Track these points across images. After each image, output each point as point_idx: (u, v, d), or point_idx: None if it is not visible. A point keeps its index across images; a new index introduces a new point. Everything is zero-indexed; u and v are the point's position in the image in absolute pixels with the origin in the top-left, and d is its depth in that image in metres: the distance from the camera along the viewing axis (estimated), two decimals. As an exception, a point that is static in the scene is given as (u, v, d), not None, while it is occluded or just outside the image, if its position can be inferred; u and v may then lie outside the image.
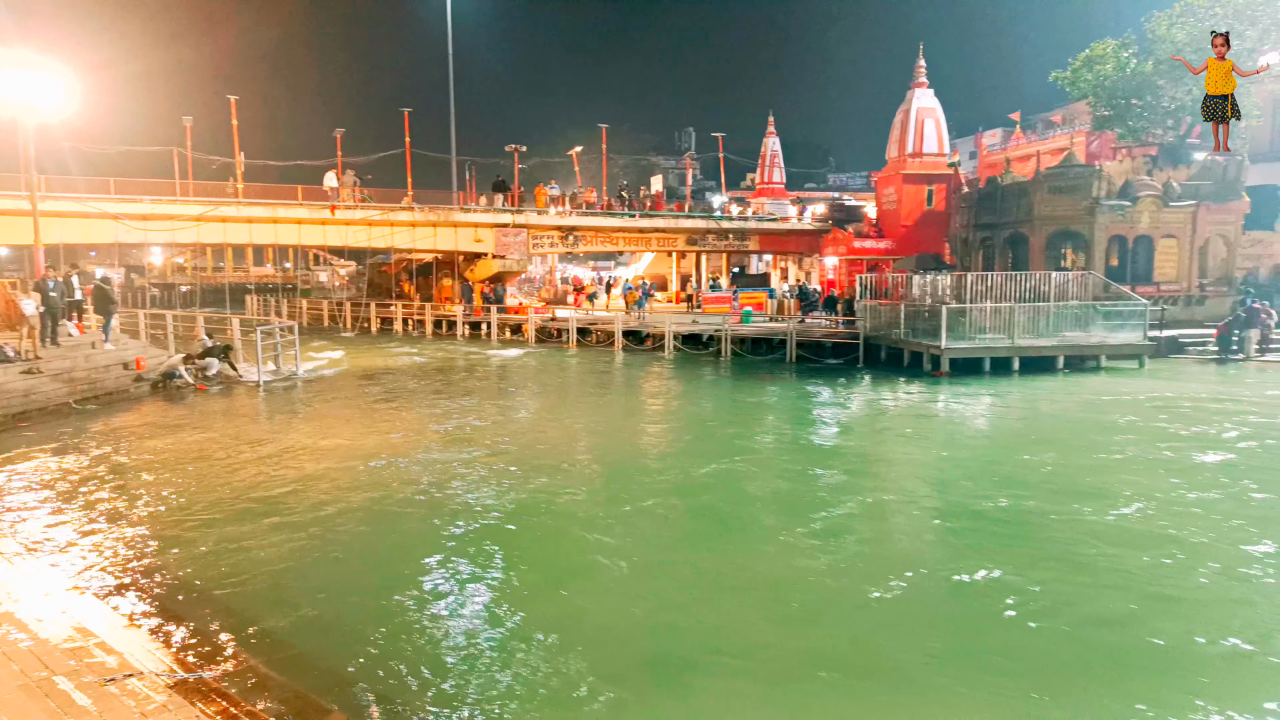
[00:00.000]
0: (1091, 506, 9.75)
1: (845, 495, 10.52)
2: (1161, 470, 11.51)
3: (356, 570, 8.09)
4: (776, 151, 49.01)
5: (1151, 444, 13.15)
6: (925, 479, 11.54)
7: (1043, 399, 17.56)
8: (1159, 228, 25.80)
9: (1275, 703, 5.61)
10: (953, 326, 20.78)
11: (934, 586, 7.58)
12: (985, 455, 12.76)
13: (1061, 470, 11.55)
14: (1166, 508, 9.69)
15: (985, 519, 9.46)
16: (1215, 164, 26.58)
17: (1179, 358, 23.06)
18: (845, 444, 13.93)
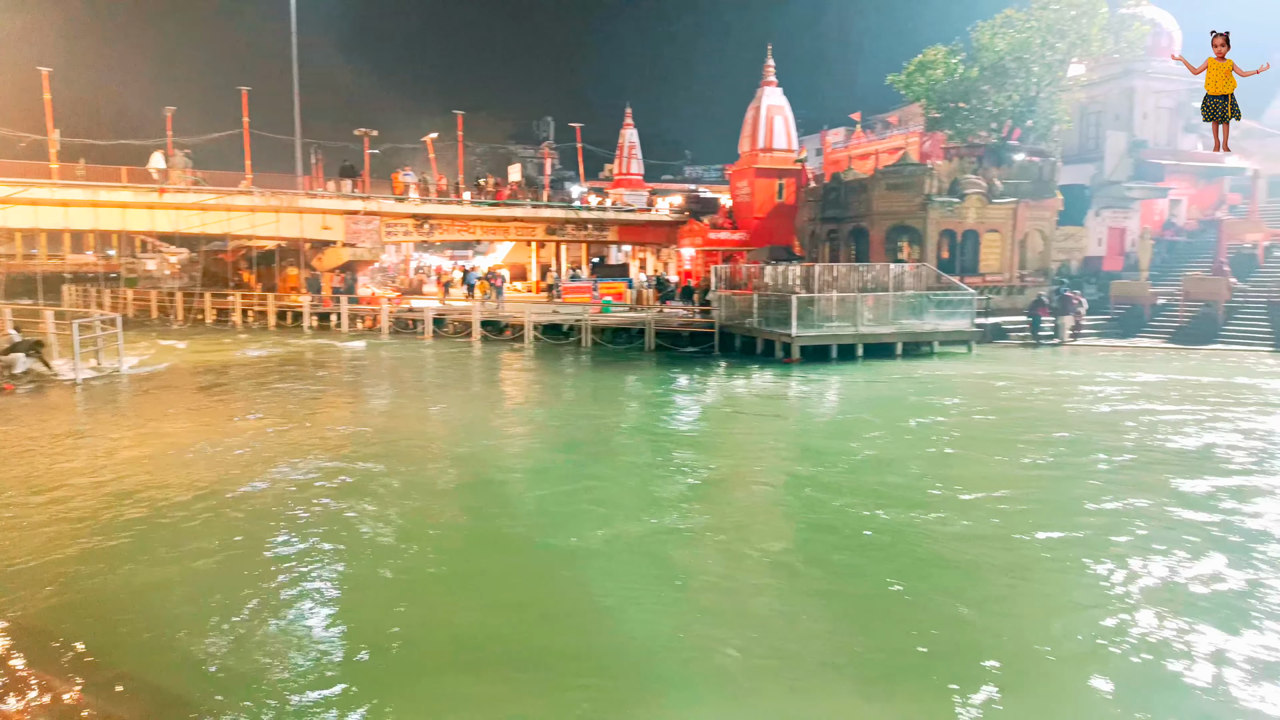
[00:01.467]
0: (928, 497, 10.14)
1: (693, 478, 10.49)
2: (989, 445, 12.20)
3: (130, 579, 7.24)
4: (634, 143, 49.15)
5: (976, 421, 13.94)
6: (775, 459, 11.72)
7: (882, 382, 18.36)
8: (984, 222, 27.60)
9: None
10: (802, 315, 21.39)
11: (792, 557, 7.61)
12: (828, 436, 13.11)
13: (893, 450, 12.01)
14: (991, 481, 10.24)
15: (823, 495, 9.65)
16: (1032, 165, 28.70)
17: (1002, 343, 24.79)
18: (699, 429, 13.97)
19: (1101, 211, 30.69)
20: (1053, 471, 10.79)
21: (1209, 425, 13.34)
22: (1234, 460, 11.20)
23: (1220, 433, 12.86)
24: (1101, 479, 10.30)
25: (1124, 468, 10.91)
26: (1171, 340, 24.50)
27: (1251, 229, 28.18)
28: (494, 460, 11.69)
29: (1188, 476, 10.32)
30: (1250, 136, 38.14)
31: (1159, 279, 27.52)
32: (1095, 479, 10.30)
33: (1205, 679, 5.59)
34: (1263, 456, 11.38)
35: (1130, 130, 31.68)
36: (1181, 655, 5.87)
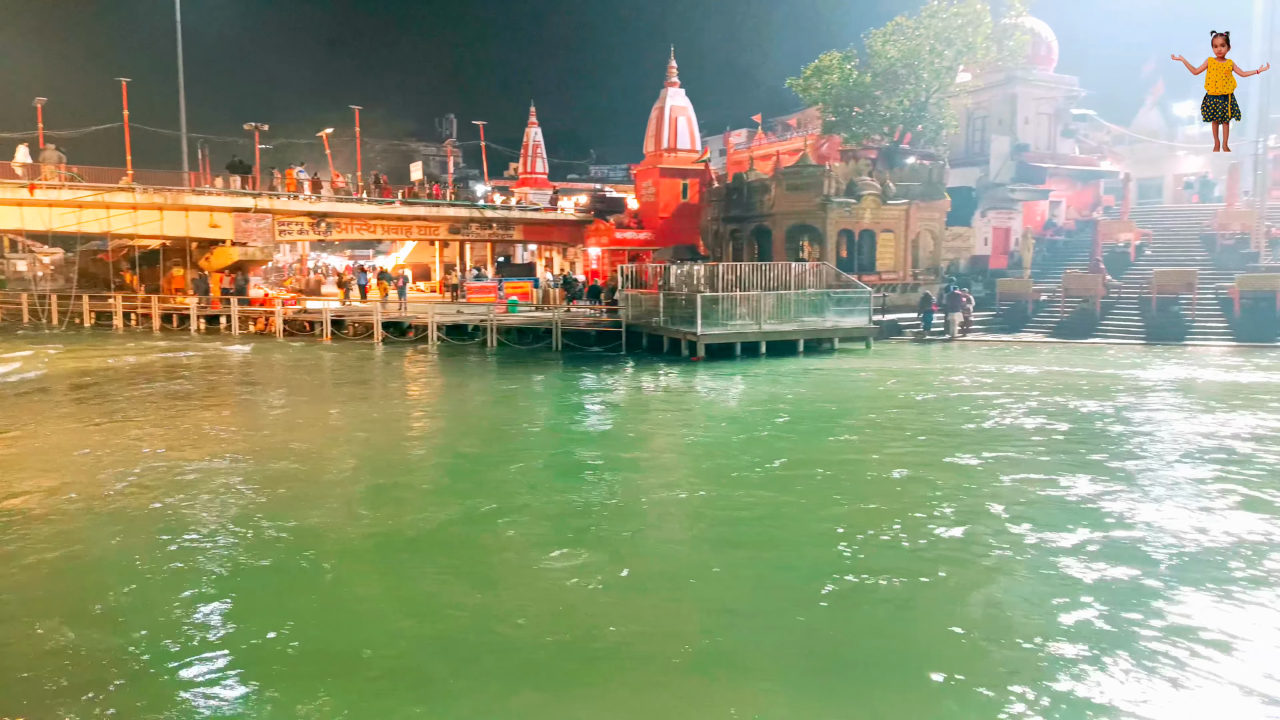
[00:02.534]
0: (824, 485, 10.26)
1: (599, 477, 10.32)
2: (880, 436, 12.49)
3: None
4: (539, 142, 48.66)
5: (875, 411, 14.28)
6: (680, 456, 11.68)
7: (784, 378, 18.64)
8: (879, 223, 28.44)
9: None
10: (707, 314, 21.54)
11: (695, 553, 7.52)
12: (731, 431, 13.17)
13: (792, 442, 12.15)
14: (888, 465, 10.46)
15: (726, 490, 9.64)
16: (923, 167, 29.74)
17: (897, 339, 25.58)
18: (607, 427, 13.82)
19: (987, 212, 32.08)
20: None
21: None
22: (1020, 438, 11.98)
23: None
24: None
25: (931, 444, 11.67)
26: (1053, 335, 25.79)
27: (1123, 229, 29.95)
28: (386, 463, 11.22)
29: (969, 451, 11.30)
30: (1121, 142, 40.68)
31: (1041, 276, 28.94)
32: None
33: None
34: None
35: (1013, 135, 33.23)
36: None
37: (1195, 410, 14.27)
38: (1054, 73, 35.04)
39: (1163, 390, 16.51)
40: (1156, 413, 14.20)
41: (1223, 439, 12.00)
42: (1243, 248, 28.00)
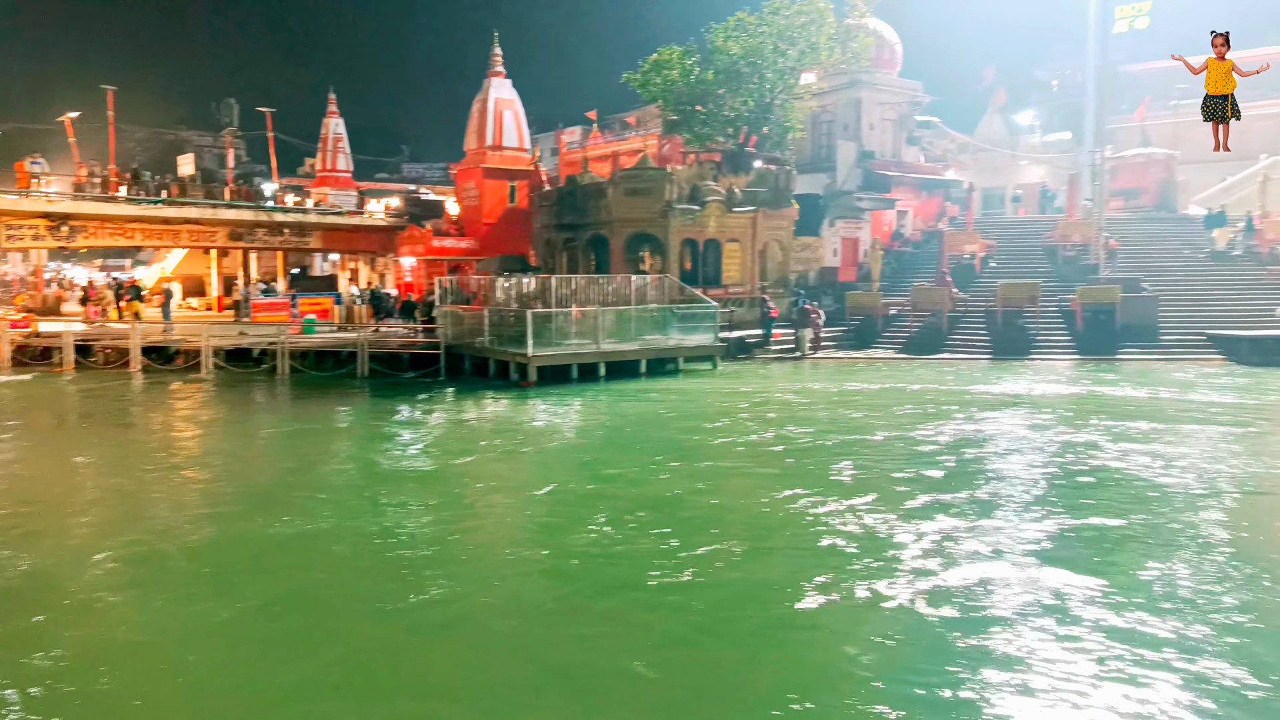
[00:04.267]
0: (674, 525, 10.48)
1: (416, 526, 10.04)
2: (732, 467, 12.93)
3: None
4: (341, 134, 47.15)
5: (722, 443, 14.76)
6: (508, 497, 11.57)
7: (626, 403, 18.91)
8: (725, 232, 29.55)
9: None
10: (539, 333, 21.53)
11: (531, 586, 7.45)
12: (569, 470, 13.19)
13: (633, 478, 12.35)
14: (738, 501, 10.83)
15: (554, 539, 9.65)
16: (769, 173, 31.21)
17: (746, 358, 26.60)
18: (422, 467, 13.47)
19: (835, 222, 34.10)
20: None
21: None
22: (881, 482, 12.79)
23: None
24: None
25: (776, 481, 12.18)
26: (903, 350, 27.69)
27: (969, 240, 32.67)
28: (135, 525, 10.39)
29: (824, 488, 11.76)
30: (965, 150, 44.50)
31: (890, 289, 31.03)
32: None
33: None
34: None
35: (859, 141, 35.57)
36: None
37: (1020, 429, 15.71)
38: (898, 77, 37.86)
39: (995, 409, 18.06)
40: (986, 431, 15.53)
41: (1044, 458, 13.28)
42: (1083, 259, 31.25)
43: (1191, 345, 26.00)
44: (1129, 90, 48.84)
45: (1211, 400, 18.59)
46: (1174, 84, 47.72)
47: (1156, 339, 26.38)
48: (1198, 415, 16.64)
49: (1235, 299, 28.69)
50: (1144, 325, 26.59)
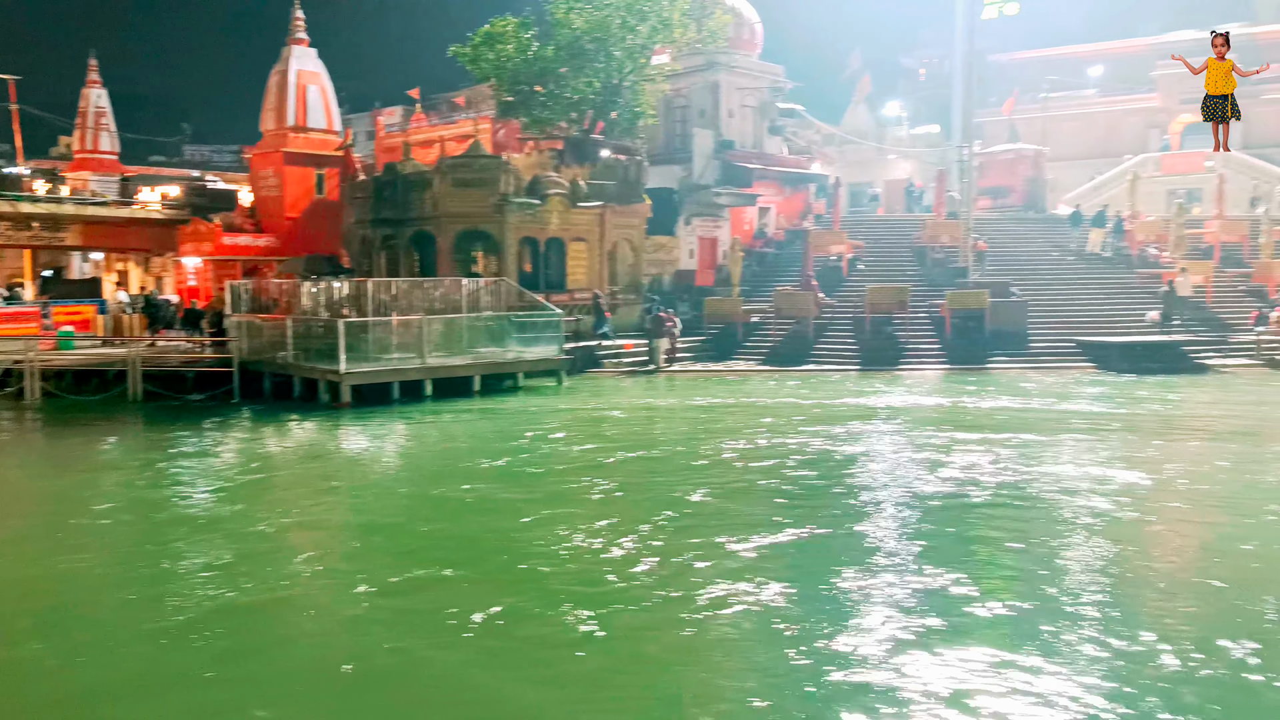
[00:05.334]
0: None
1: (196, 585, 9.78)
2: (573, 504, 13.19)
3: None
4: (104, 108, 44.78)
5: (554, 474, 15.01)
6: (311, 548, 11.40)
7: (456, 429, 18.93)
8: (569, 230, 29.88)
9: None
10: (354, 346, 21.20)
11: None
12: (388, 509, 13.10)
13: (461, 520, 12.42)
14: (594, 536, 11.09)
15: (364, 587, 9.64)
16: (618, 163, 31.78)
17: (596, 371, 26.98)
18: (204, 512, 13.01)
19: (692, 220, 35.04)
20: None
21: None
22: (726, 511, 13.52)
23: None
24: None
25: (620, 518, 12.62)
26: (766, 361, 28.74)
27: (835, 240, 34.22)
28: None
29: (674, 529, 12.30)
30: (831, 142, 46.62)
31: (752, 294, 32.11)
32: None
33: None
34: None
35: (717, 129, 36.70)
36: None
37: (877, 446, 16.74)
38: (759, 60, 39.33)
39: (854, 424, 19.12)
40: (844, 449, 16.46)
41: (896, 476, 14.23)
42: (952, 261, 33.32)
43: (1061, 352, 28.18)
44: (998, 81, 52.50)
45: (1079, 410, 20.27)
46: (1044, 75, 51.74)
47: (1026, 346, 28.45)
48: (1062, 426, 18.13)
49: (1105, 303, 31.30)
50: (1013, 332, 28.64)
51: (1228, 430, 18.45)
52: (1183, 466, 14.89)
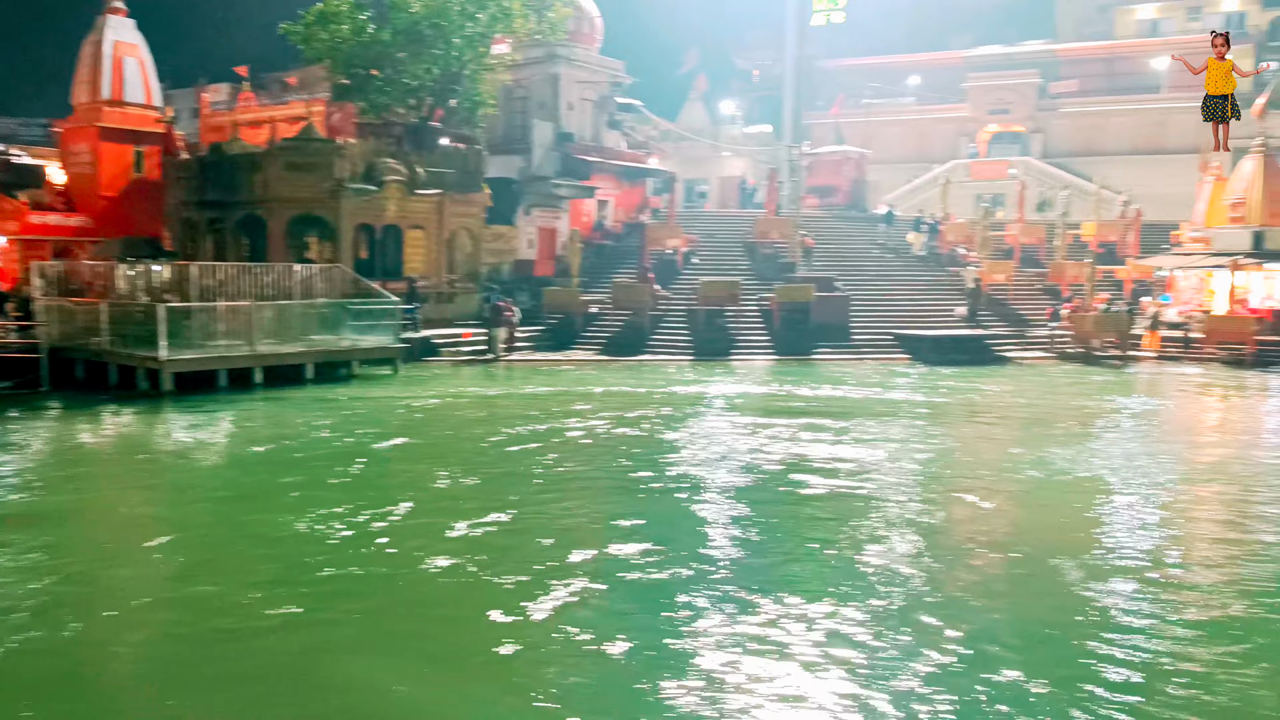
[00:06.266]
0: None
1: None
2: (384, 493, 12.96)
3: None
4: (-105, 73, 40.84)
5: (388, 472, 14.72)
6: (122, 549, 10.79)
7: (287, 417, 18.25)
8: (407, 217, 29.23)
9: None
10: (176, 332, 20.22)
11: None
12: (211, 511, 12.48)
13: (291, 521, 12.02)
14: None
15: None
16: (457, 152, 31.27)
17: (433, 360, 26.54)
18: (12, 510, 12.11)
19: (531, 210, 34.90)
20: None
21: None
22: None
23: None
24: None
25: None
26: (604, 351, 28.95)
27: (671, 234, 34.75)
28: None
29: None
30: (668, 138, 47.21)
31: (590, 285, 32.25)
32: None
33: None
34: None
35: (557, 121, 36.60)
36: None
37: (699, 432, 17.19)
38: (599, 54, 39.43)
39: (679, 411, 19.56)
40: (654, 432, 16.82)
41: (713, 461, 14.66)
42: (782, 257, 34.40)
43: (880, 344, 29.52)
44: (826, 86, 54.35)
45: (892, 398, 21.31)
46: (868, 82, 53.90)
47: (848, 338, 29.67)
48: (872, 412, 19.01)
49: (919, 299, 32.97)
50: (836, 325, 29.81)
51: (1022, 416, 19.80)
52: (981, 447, 15.92)
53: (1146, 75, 48.63)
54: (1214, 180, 33.78)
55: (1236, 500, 12.94)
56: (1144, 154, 46.00)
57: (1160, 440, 17.75)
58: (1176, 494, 13.23)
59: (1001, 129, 49.95)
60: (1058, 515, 11.72)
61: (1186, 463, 15.65)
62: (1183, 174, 39.46)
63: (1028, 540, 10.83)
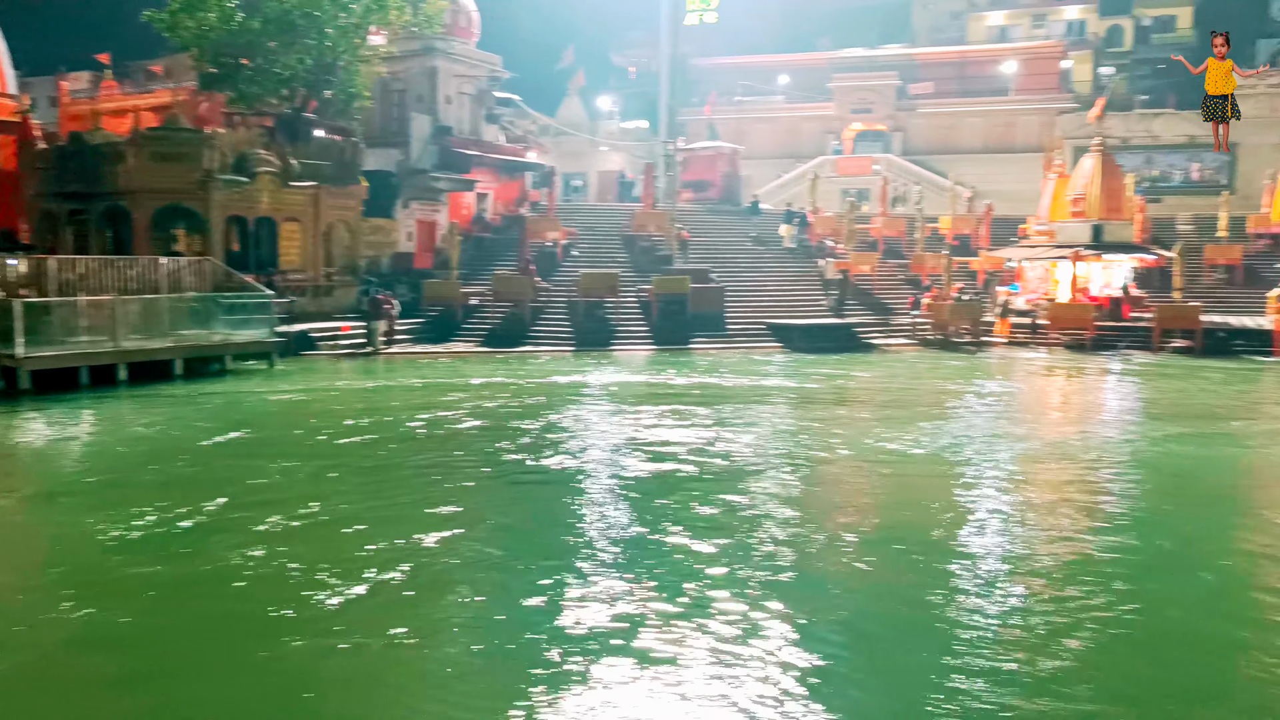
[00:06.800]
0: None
1: None
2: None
3: None
4: None
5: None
6: None
7: (154, 415, 17.41)
8: (281, 209, 28.21)
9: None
10: (34, 328, 19.04)
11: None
12: (72, 514, 11.74)
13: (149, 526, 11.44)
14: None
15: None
16: (333, 144, 30.34)
17: (310, 354, 25.72)
18: None
19: (410, 203, 34.17)
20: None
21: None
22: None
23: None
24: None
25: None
26: (485, 343, 28.57)
27: (550, 227, 34.53)
28: None
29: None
30: (546, 133, 46.84)
31: (471, 277, 31.77)
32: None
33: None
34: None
35: (435, 114, 35.86)
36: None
37: (572, 418, 17.16)
38: (476, 48, 38.80)
39: (555, 398, 19.48)
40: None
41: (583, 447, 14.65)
42: (659, 249, 34.53)
43: (754, 334, 29.93)
44: (700, 83, 54.80)
45: (765, 385, 21.68)
46: (739, 81, 54.55)
47: (723, 328, 29.98)
48: (743, 397, 19.30)
49: (790, 290, 33.58)
50: (712, 315, 30.08)
51: (885, 400, 20.45)
52: (847, 428, 16.30)
53: (996, 79, 50.58)
54: (1057, 177, 35.43)
55: (1078, 472, 13.58)
56: (994, 152, 47.81)
57: (1008, 418, 18.47)
58: (1023, 467, 13.83)
59: (865, 127, 51.20)
60: (918, 489, 12.09)
61: (1032, 439, 16.32)
62: (1030, 171, 41.22)
63: (891, 513, 11.14)
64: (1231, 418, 18.28)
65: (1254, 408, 20.23)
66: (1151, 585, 8.63)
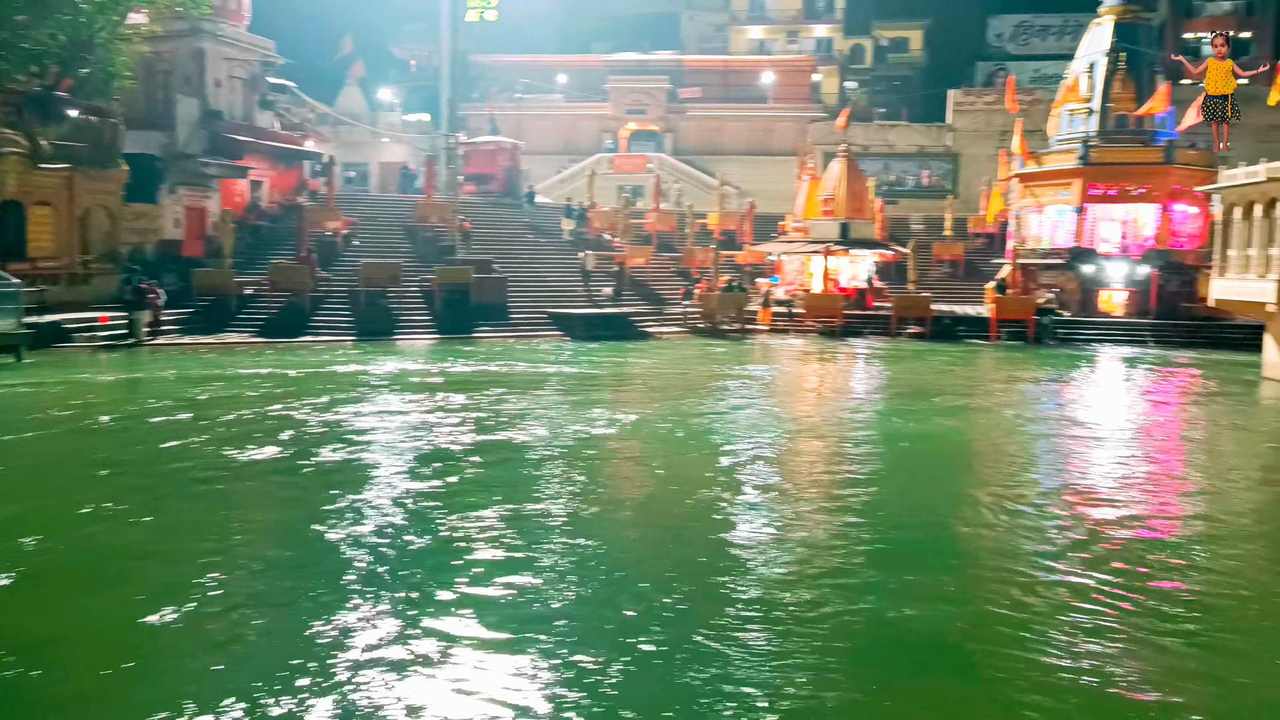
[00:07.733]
0: None
1: None
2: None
3: None
4: None
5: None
6: None
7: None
8: (31, 193, 25.43)
9: None
10: None
11: None
12: None
13: None
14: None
15: None
16: (90, 125, 27.61)
17: (65, 347, 23.32)
18: None
19: (177, 189, 31.70)
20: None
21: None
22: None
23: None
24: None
25: None
26: (262, 334, 26.92)
27: (330, 217, 32.98)
28: None
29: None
30: (325, 121, 44.71)
31: (246, 267, 29.84)
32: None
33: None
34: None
35: (203, 98, 33.35)
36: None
37: (345, 412, 16.59)
38: (248, 32, 36.38)
39: (327, 388, 18.74)
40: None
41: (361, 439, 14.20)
42: (442, 240, 33.75)
43: (536, 322, 29.82)
44: (480, 79, 54.08)
45: (546, 371, 21.64)
46: (520, 78, 54.19)
47: (507, 317, 29.68)
48: (526, 384, 19.21)
49: (570, 280, 33.68)
50: (495, 304, 29.73)
51: (661, 383, 20.84)
52: (629, 410, 16.49)
53: (756, 88, 52.80)
54: (810, 179, 37.42)
55: (831, 444, 14.37)
56: (756, 154, 49.93)
57: (769, 397, 19.32)
58: (784, 439, 14.49)
59: (639, 127, 52.11)
60: (691, 464, 12.37)
61: (790, 417, 17.14)
62: (787, 173, 43.33)
63: (666, 485, 11.33)
64: (952, 393, 19.93)
65: (972, 385, 22.16)
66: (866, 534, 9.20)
